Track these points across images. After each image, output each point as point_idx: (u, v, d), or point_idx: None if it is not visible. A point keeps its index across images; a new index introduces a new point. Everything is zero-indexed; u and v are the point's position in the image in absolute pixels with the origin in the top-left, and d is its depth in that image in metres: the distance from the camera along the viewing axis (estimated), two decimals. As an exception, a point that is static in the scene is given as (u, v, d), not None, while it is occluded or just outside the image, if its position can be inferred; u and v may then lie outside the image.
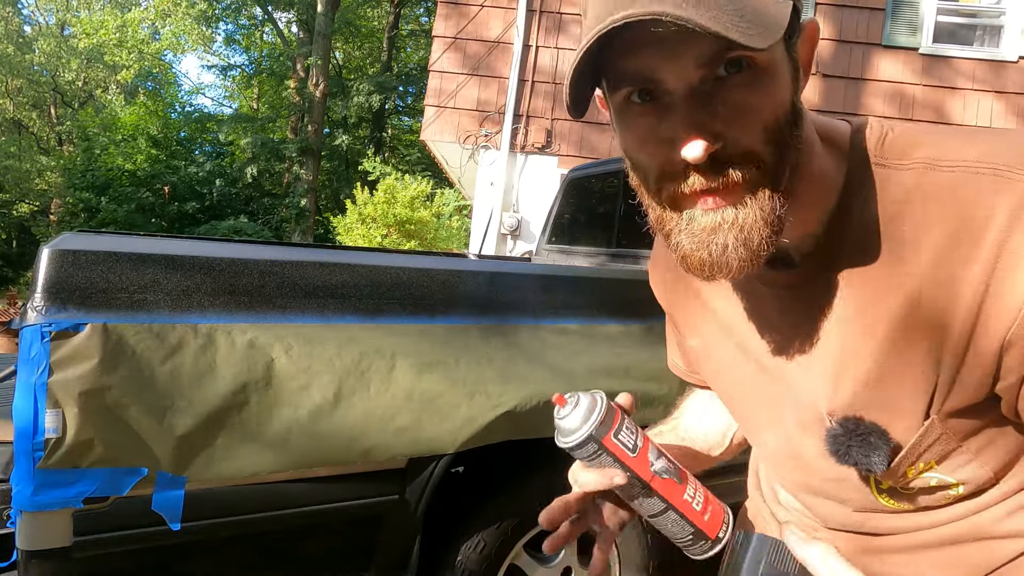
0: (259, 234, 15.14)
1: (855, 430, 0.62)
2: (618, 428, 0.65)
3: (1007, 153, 0.55)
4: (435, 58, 6.66)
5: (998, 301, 0.53)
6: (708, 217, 0.55)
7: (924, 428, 0.60)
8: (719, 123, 0.53)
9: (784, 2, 0.52)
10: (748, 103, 0.53)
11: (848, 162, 0.62)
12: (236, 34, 22.10)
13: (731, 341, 0.74)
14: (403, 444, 1.57)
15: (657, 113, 0.55)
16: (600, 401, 0.65)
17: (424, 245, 9.05)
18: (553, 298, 1.90)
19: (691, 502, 0.67)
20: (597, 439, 0.64)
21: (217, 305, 1.46)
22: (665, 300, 0.87)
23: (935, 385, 0.59)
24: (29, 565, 1.30)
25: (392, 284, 1.66)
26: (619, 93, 0.56)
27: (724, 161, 0.53)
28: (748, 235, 0.54)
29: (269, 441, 1.45)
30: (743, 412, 0.80)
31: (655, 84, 0.54)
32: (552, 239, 3.69)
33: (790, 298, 0.66)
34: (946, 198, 0.55)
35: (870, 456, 0.61)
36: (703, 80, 0.53)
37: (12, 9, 21.48)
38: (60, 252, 1.32)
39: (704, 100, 0.53)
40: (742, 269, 0.55)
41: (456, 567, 1.75)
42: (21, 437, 1.25)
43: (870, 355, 0.61)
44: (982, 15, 6.50)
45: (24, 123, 22.63)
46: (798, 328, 0.66)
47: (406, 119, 21.87)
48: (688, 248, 0.56)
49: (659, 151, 0.55)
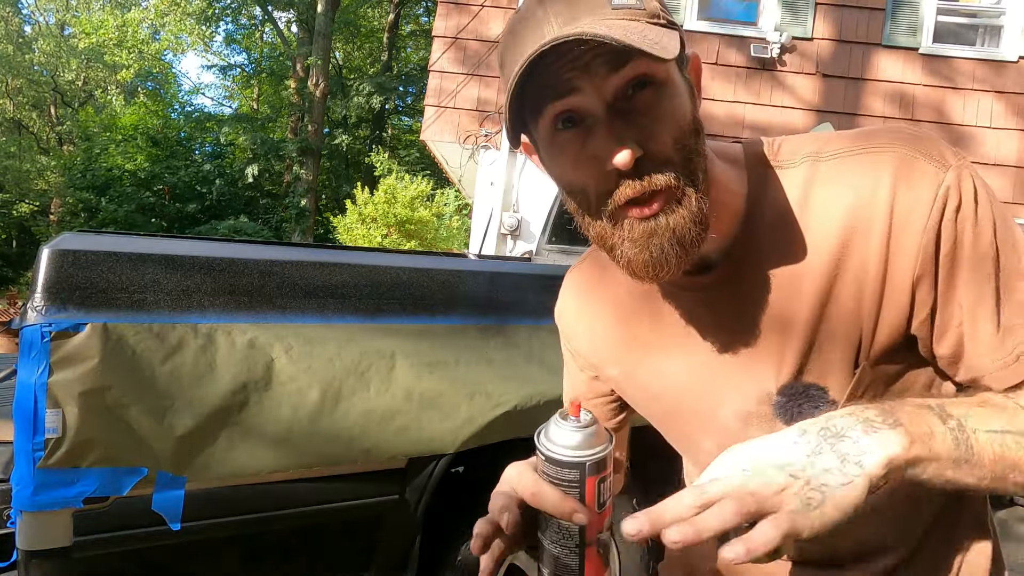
0: (259, 234, 15.14)
1: (795, 392, 0.69)
2: (604, 477, 0.61)
3: (874, 137, 0.68)
4: (435, 58, 6.66)
5: (900, 244, 0.64)
6: (644, 224, 0.62)
7: (857, 375, 0.68)
8: (637, 132, 0.60)
9: (672, 34, 0.60)
10: (658, 113, 0.61)
11: (747, 170, 0.71)
12: (236, 34, 22.11)
13: (661, 358, 0.77)
14: (403, 444, 1.57)
15: (581, 135, 0.62)
16: (610, 442, 0.61)
17: (424, 245, 9.05)
18: (553, 298, 1.89)
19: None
20: (586, 473, 0.59)
21: (217, 305, 1.46)
22: (577, 340, 0.90)
23: (860, 335, 0.67)
24: (29, 565, 1.30)
25: (392, 284, 1.66)
26: (544, 122, 0.62)
27: (647, 167, 0.60)
28: (681, 234, 0.62)
29: (269, 441, 1.45)
30: (675, 424, 0.83)
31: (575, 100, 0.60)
32: (552, 239, 3.69)
33: (718, 299, 0.71)
34: (836, 178, 0.67)
35: (819, 408, 0.68)
36: (616, 96, 0.60)
37: (12, 9, 21.48)
38: (60, 252, 1.32)
39: (620, 114, 0.60)
40: (680, 265, 0.63)
41: (456, 567, 1.75)
42: (21, 437, 1.25)
43: (803, 329, 0.68)
44: (982, 15, 6.50)
45: (24, 123, 22.64)
46: (732, 325, 0.71)
47: (406, 119, 21.87)
48: (632, 253, 0.63)
49: (590, 167, 0.62)
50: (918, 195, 0.64)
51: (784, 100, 6.30)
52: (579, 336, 0.89)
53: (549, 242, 3.69)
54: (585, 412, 0.61)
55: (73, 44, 21.25)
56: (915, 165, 0.65)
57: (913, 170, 0.64)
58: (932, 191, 0.63)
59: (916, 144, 0.66)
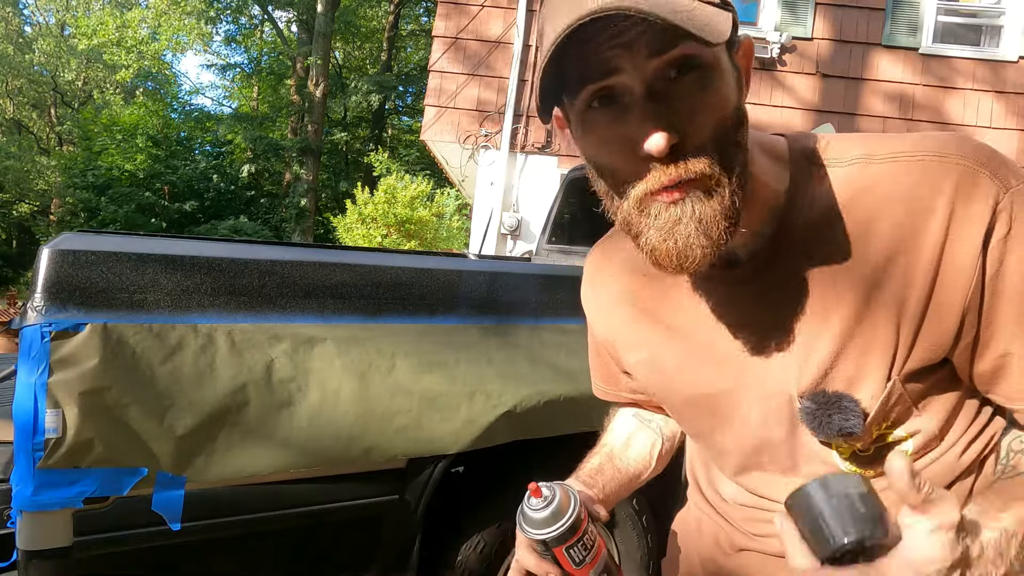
0: (259, 234, 15.14)
1: (827, 401, 0.67)
2: (575, 542, 0.68)
3: (937, 144, 0.64)
4: (435, 58, 6.66)
5: (952, 262, 0.61)
6: (671, 211, 0.59)
7: (888, 389, 0.66)
8: (675, 117, 0.57)
9: (725, 15, 0.56)
10: (701, 100, 0.58)
11: (790, 166, 0.68)
12: (236, 34, 22.11)
13: (684, 347, 0.76)
14: (403, 444, 1.57)
15: (616, 114, 0.59)
16: (571, 508, 0.68)
17: (424, 245, 9.05)
18: (553, 298, 1.90)
19: None
20: (551, 547, 0.68)
21: (217, 305, 1.46)
22: (603, 321, 0.88)
23: (895, 349, 0.65)
24: (29, 565, 1.30)
25: (392, 284, 1.66)
26: (579, 99, 0.59)
27: (682, 155, 0.57)
28: (708, 226, 0.59)
29: (269, 441, 1.44)
30: (695, 414, 0.81)
31: (614, 81, 0.57)
32: (552, 239, 3.69)
33: (746, 294, 0.70)
34: (889, 182, 0.63)
35: (849, 419, 0.66)
36: (657, 77, 0.57)
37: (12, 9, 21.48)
38: (60, 252, 1.32)
39: (660, 97, 0.57)
40: (705, 257, 0.60)
41: (456, 567, 1.75)
42: (21, 437, 1.25)
43: (832, 335, 0.66)
44: (982, 15, 6.50)
45: (24, 123, 22.63)
46: (757, 321, 0.70)
47: (406, 119, 21.87)
48: (656, 240, 0.60)
49: (622, 149, 0.59)
50: (975, 216, 0.60)
51: (784, 100, 6.30)
52: (600, 321, 0.88)
53: (549, 242, 3.69)
54: (547, 490, 0.68)
55: (73, 44, 21.24)
56: (978, 180, 0.61)
57: (975, 186, 0.61)
58: (989, 212, 0.60)
59: (980, 158, 0.62)
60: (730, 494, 0.83)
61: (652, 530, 2.04)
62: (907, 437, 0.70)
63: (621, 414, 0.97)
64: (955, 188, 0.61)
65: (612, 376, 0.93)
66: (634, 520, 2.02)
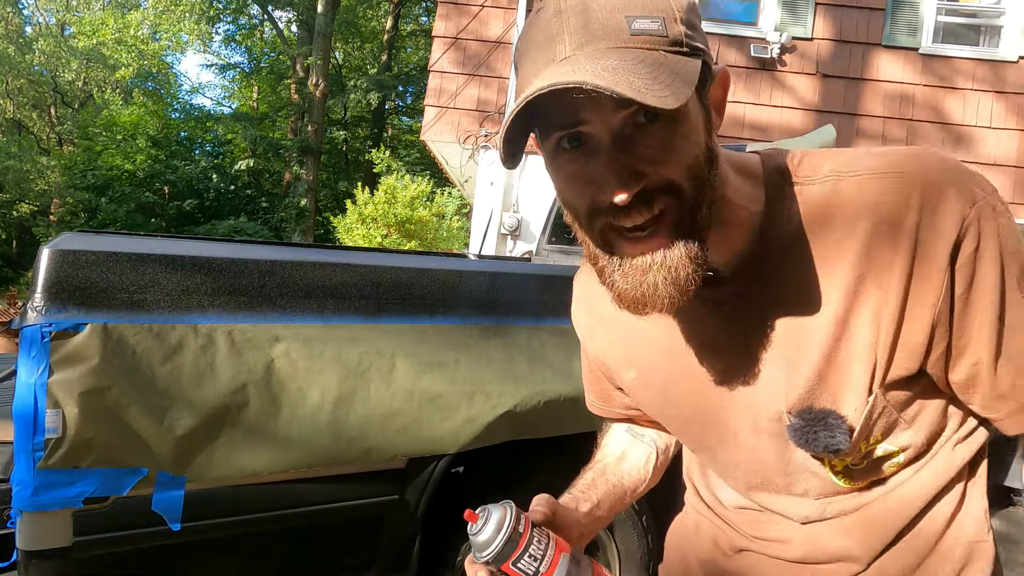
0: (259, 234, 15.15)
1: (813, 418, 0.68)
2: (520, 555, 0.66)
3: (902, 159, 0.65)
4: (435, 58, 6.66)
5: (922, 277, 0.62)
6: (639, 260, 0.61)
7: (871, 403, 0.67)
8: (640, 163, 0.58)
9: (693, 60, 0.58)
10: (667, 145, 0.59)
11: (764, 185, 0.69)
12: (235, 33, 22.11)
13: (673, 366, 0.77)
14: (403, 444, 1.57)
15: (584, 157, 0.60)
16: (508, 521, 0.66)
17: (424, 245, 9.05)
18: (553, 298, 1.90)
19: None
20: (495, 565, 0.66)
21: (217, 305, 1.46)
22: (594, 341, 0.88)
23: (875, 363, 0.66)
24: (29, 565, 1.30)
25: (392, 284, 1.66)
26: (550, 140, 0.61)
27: (646, 199, 0.59)
28: (676, 274, 0.60)
29: (269, 441, 1.44)
30: (691, 432, 0.82)
31: (581, 129, 0.59)
32: (552, 239, 3.69)
33: (730, 312, 0.70)
34: (859, 200, 0.65)
35: (835, 436, 0.67)
36: (624, 124, 0.58)
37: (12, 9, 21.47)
38: (60, 252, 1.32)
39: (625, 144, 0.58)
40: (672, 304, 0.61)
41: (456, 567, 1.75)
42: (21, 437, 1.25)
43: (816, 349, 0.67)
44: (982, 15, 6.49)
45: (24, 123, 22.62)
46: (742, 339, 0.70)
47: (406, 119, 21.87)
48: (622, 287, 0.62)
49: (586, 190, 0.60)
50: (942, 230, 0.62)
51: (784, 100, 6.30)
52: (590, 340, 0.89)
53: (549, 242, 3.69)
54: (482, 511, 0.68)
55: (73, 44, 21.24)
56: (943, 195, 0.62)
57: (941, 200, 0.62)
58: (956, 226, 0.61)
59: (946, 172, 0.63)
60: (730, 499, 0.84)
61: (652, 530, 2.04)
62: (898, 451, 0.71)
63: (614, 429, 0.98)
64: (922, 202, 0.62)
65: (605, 393, 0.94)
66: (634, 520, 2.02)
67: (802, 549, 0.77)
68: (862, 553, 0.75)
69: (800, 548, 0.77)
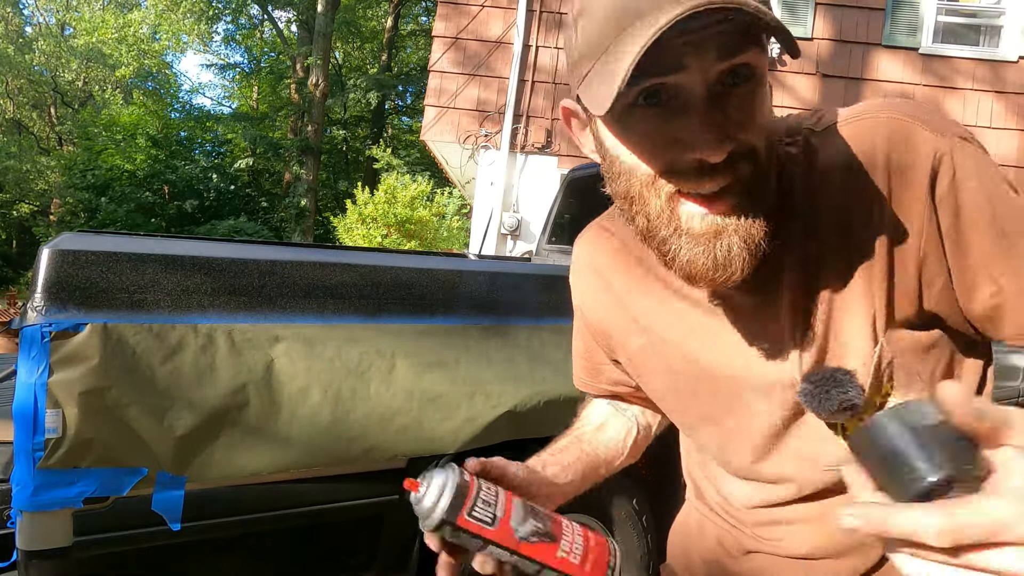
0: (259, 234, 15.15)
1: (822, 378, 0.66)
2: (472, 504, 0.63)
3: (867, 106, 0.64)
4: (435, 58, 6.66)
5: (902, 216, 0.61)
6: (709, 220, 0.57)
7: (877, 353, 0.65)
8: (731, 126, 0.56)
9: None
10: (752, 110, 0.57)
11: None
12: (235, 33, 22.12)
13: (683, 336, 0.75)
14: (403, 444, 1.57)
15: (665, 115, 0.56)
16: (450, 477, 0.63)
17: (424, 245, 9.05)
18: (553, 298, 1.90)
19: (568, 557, 0.65)
20: (451, 521, 0.62)
21: (217, 305, 1.46)
22: (597, 307, 0.85)
23: (873, 313, 0.64)
24: (29, 565, 1.30)
25: (392, 284, 1.66)
26: (630, 93, 0.55)
27: (732, 163, 0.56)
28: (749, 236, 0.57)
29: (269, 441, 1.44)
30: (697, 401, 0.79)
31: (677, 79, 0.55)
32: (552, 239, 3.69)
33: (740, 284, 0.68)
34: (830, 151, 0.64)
35: (847, 391, 0.65)
36: (717, 81, 0.55)
37: (12, 9, 21.47)
38: (60, 252, 1.32)
39: (719, 103, 0.55)
40: (743, 271, 0.58)
41: (456, 567, 1.75)
42: (21, 437, 1.25)
43: (823, 313, 0.66)
44: (982, 15, 6.49)
45: (24, 123, 22.63)
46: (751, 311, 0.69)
47: (406, 119, 21.88)
48: (692, 254, 0.58)
49: (668, 150, 0.57)
50: (915, 164, 0.61)
51: (784, 100, 6.30)
52: (595, 305, 0.86)
53: (549, 242, 3.69)
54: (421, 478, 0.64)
55: (73, 44, 21.24)
56: (912, 132, 0.61)
57: (910, 138, 0.61)
58: (929, 160, 0.60)
59: (915, 112, 0.63)
60: (739, 497, 0.82)
61: (652, 530, 2.04)
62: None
63: (596, 403, 0.96)
64: (889, 142, 0.61)
65: (595, 367, 0.92)
66: (634, 520, 2.02)
67: (812, 542, 0.76)
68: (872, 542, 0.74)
69: (810, 542, 0.76)
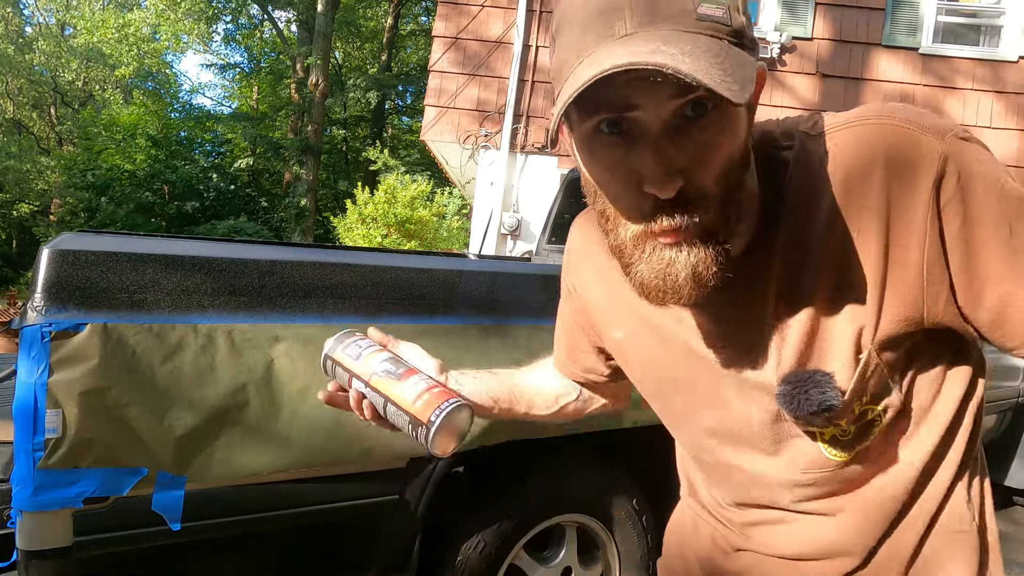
0: (259, 234, 15.15)
1: (800, 379, 0.66)
2: (347, 345, 0.83)
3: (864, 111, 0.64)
4: (435, 58, 6.66)
5: (903, 223, 0.61)
6: (666, 252, 0.60)
7: (864, 360, 0.65)
8: (685, 159, 0.56)
9: (751, 60, 0.56)
10: (713, 142, 0.57)
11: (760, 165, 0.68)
12: (235, 33, 22.12)
13: (663, 330, 0.76)
14: (403, 444, 1.57)
15: (625, 145, 0.57)
16: (346, 332, 0.85)
17: (424, 245, 9.05)
18: (553, 298, 1.89)
19: (404, 394, 0.77)
20: (330, 355, 0.84)
21: (217, 305, 1.46)
22: (586, 292, 0.88)
23: (863, 321, 0.64)
24: (29, 565, 1.30)
25: (392, 284, 1.66)
26: (589, 123, 0.58)
27: (686, 199, 0.57)
28: (700, 274, 0.60)
29: (269, 441, 1.44)
30: (678, 397, 0.80)
31: (631, 114, 0.56)
32: (552, 239, 3.69)
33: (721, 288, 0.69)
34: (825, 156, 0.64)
35: (826, 392, 0.65)
36: (674, 115, 0.56)
37: (12, 9, 21.47)
38: (60, 252, 1.32)
39: (674, 136, 0.56)
40: (691, 299, 0.61)
41: (456, 567, 1.75)
42: (21, 437, 1.25)
43: (805, 318, 0.66)
44: (982, 15, 6.50)
45: (24, 123, 22.63)
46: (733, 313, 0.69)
47: (406, 119, 21.88)
48: (646, 276, 0.61)
49: (627, 180, 0.59)
50: (915, 169, 0.60)
51: (784, 100, 6.30)
52: (584, 290, 0.88)
53: (549, 242, 3.69)
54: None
55: (73, 44, 21.24)
56: (911, 136, 0.60)
57: (908, 144, 0.60)
58: (932, 164, 0.59)
59: (909, 116, 0.62)
60: (728, 497, 0.83)
61: (652, 530, 2.04)
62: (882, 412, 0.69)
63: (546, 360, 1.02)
64: (887, 147, 0.61)
65: (575, 352, 0.94)
66: (634, 520, 2.02)
67: (796, 545, 0.77)
68: (854, 546, 0.74)
69: (795, 544, 0.77)
